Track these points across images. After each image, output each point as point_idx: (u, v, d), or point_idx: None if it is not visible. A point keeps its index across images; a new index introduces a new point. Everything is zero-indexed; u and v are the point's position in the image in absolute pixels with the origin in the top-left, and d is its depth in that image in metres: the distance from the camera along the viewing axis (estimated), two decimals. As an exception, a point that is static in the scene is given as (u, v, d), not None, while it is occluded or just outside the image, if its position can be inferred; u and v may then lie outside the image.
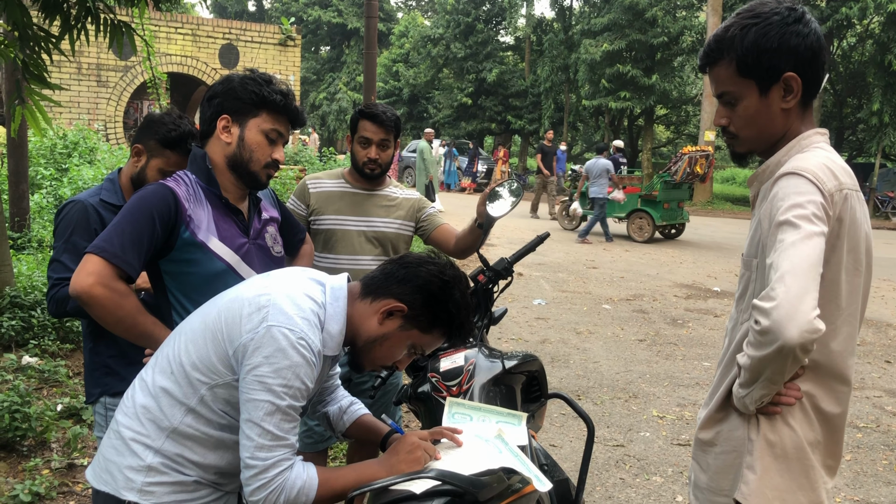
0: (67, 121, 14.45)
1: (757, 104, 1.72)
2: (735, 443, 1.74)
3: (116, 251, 1.88)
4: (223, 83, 2.11)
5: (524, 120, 31.88)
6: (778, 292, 1.47)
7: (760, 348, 1.52)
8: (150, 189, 2.01)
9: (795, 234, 1.52)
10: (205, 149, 2.13)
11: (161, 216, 1.95)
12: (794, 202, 1.56)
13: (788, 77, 1.68)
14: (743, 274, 1.80)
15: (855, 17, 22.19)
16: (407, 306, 1.77)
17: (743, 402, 1.68)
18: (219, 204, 2.09)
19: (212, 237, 2.03)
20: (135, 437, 1.71)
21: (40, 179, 9.27)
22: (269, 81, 2.10)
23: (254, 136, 2.08)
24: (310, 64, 39.86)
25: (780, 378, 1.59)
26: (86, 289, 1.85)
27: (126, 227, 1.92)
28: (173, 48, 16.45)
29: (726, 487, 1.76)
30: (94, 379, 2.53)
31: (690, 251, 13.25)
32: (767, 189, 1.71)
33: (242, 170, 2.10)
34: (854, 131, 29.74)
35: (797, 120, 1.75)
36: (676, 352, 6.69)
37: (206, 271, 2.03)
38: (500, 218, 2.91)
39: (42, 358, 4.91)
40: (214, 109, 2.09)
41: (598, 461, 4.30)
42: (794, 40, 1.66)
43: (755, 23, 1.68)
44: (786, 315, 1.45)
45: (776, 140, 1.77)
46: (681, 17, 26.72)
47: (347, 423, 2.05)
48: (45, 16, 4.15)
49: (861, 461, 4.45)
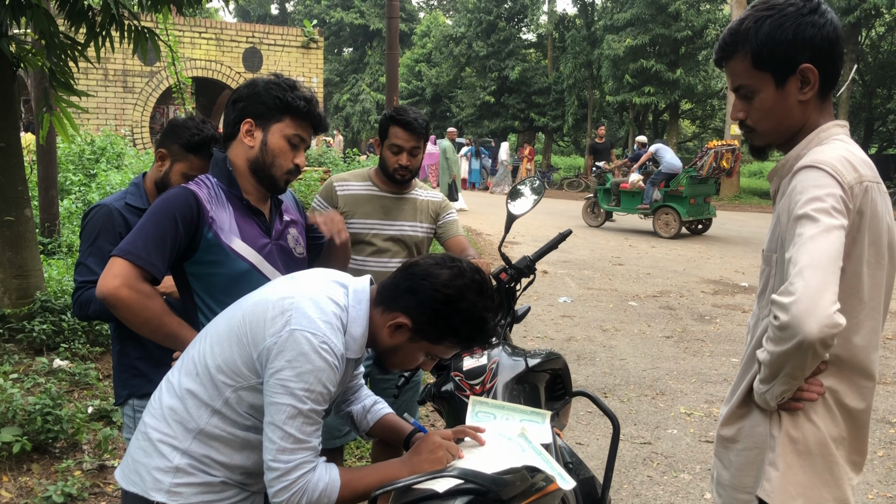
0: (95, 127, 14.66)
1: (774, 97, 1.70)
2: (757, 439, 1.72)
3: (141, 253, 1.91)
4: (248, 87, 2.12)
5: (547, 117, 31.75)
6: (797, 287, 1.45)
7: (780, 343, 1.50)
8: (172, 192, 2.04)
9: (814, 227, 1.50)
10: (227, 151, 2.15)
11: (184, 218, 1.98)
12: (812, 195, 1.54)
13: (805, 69, 1.66)
14: (763, 269, 1.78)
15: (883, 5, 21.78)
16: (412, 321, 1.73)
17: (764, 398, 1.65)
18: (240, 206, 2.11)
19: (234, 238, 2.06)
20: (162, 438, 1.73)
21: (69, 185, 9.41)
22: (293, 87, 2.12)
23: (277, 140, 2.09)
24: (333, 66, 40.03)
25: (801, 374, 1.57)
26: (112, 291, 1.87)
27: (150, 230, 1.95)
28: (197, 53, 16.61)
29: (749, 484, 1.74)
30: (122, 381, 2.56)
31: (717, 246, 13.11)
32: (787, 183, 1.68)
33: (263, 174, 2.11)
34: (884, 122, 29.24)
35: (815, 112, 1.72)
36: (704, 348, 6.63)
37: (229, 272, 2.05)
38: (521, 216, 2.91)
39: (72, 361, 4.98)
40: (238, 113, 2.11)
41: (626, 459, 4.28)
42: (809, 31, 1.63)
43: (770, 14, 1.66)
44: (805, 310, 1.43)
45: (794, 133, 1.74)
46: (705, 11, 26.41)
47: (371, 422, 2.05)
48: (71, 24, 4.22)
49: (894, 457, 4.38)
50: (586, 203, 16.01)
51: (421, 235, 3.16)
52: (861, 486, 3.99)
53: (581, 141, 30.62)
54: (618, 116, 32.49)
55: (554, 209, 18.20)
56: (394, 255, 3.08)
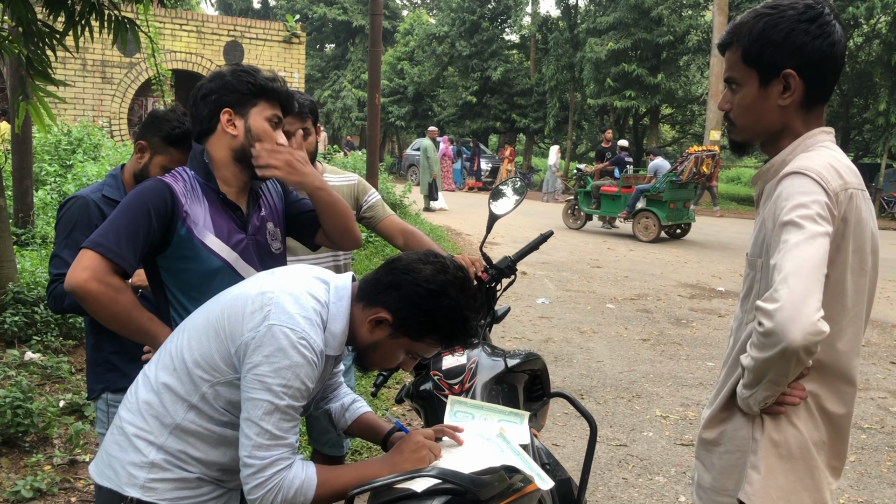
0: (72, 117, 14.47)
1: (755, 94, 1.71)
2: (739, 442, 1.73)
3: (112, 246, 1.87)
4: (214, 80, 2.08)
5: (529, 118, 31.81)
6: (781, 294, 1.46)
7: (764, 350, 1.51)
8: (146, 185, 2.00)
9: (799, 234, 1.51)
10: (205, 145, 2.11)
11: (157, 211, 1.94)
12: (798, 202, 1.55)
13: (787, 74, 1.66)
14: (748, 273, 1.78)
15: (862, 16, 22.06)
16: (393, 316, 1.72)
17: (747, 402, 1.66)
18: (216, 200, 2.07)
19: (208, 234, 2.02)
20: (137, 433, 1.71)
21: (44, 176, 9.28)
22: (256, 71, 2.10)
23: (259, 123, 2.06)
24: (314, 61, 39.83)
25: (784, 380, 1.58)
26: (81, 283, 1.83)
27: (122, 222, 1.91)
28: (178, 45, 16.45)
29: (730, 487, 1.75)
30: (96, 375, 2.53)
31: (695, 251, 13.21)
32: (772, 188, 1.69)
33: (250, 161, 2.07)
34: (860, 131, 29.62)
35: (797, 119, 1.72)
36: (680, 352, 6.68)
37: (202, 268, 2.01)
38: (503, 216, 2.90)
39: (45, 354, 4.92)
40: (212, 106, 2.06)
41: (601, 461, 4.29)
42: (801, 38, 1.63)
43: (769, 14, 1.67)
44: (789, 317, 1.44)
45: (771, 134, 1.76)
46: (687, 16, 26.61)
47: (349, 420, 2.04)
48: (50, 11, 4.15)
49: (865, 462, 4.43)
50: (566, 205, 16.07)
51: None
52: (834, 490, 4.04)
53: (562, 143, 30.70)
54: (598, 119, 32.63)
55: (534, 210, 18.26)
56: (322, 251, 2.91)
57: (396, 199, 13.05)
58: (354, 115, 35.58)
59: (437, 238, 11.64)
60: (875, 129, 23.90)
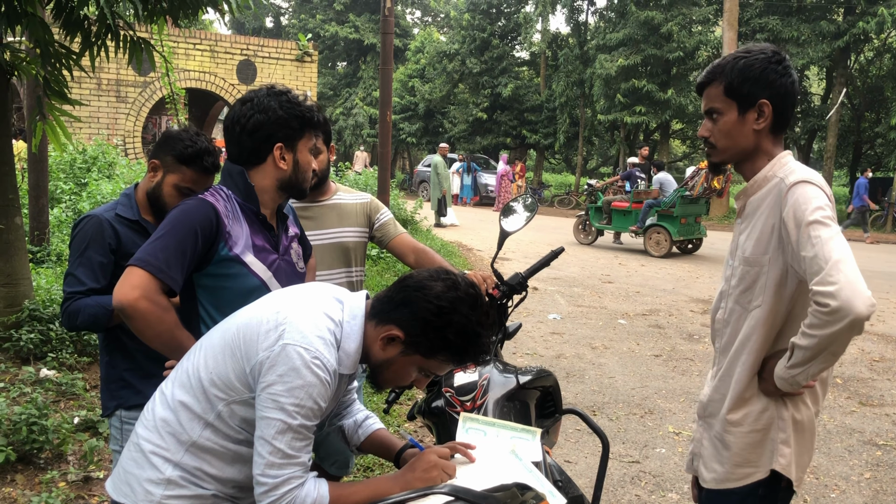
0: (87, 136, 14.62)
1: (734, 121, 2.04)
2: (765, 422, 2.01)
3: (161, 265, 1.89)
4: (264, 113, 2.07)
5: (539, 134, 31.88)
6: (838, 278, 1.71)
7: (829, 326, 1.72)
8: (191, 204, 2.02)
9: (828, 230, 1.79)
10: (251, 173, 2.11)
11: (203, 231, 1.97)
12: (816, 205, 1.83)
13: (762, 103, 2.01)
14: (747, 271, 2.02)
15: (872, 31, 22.08)
16: (405, 333, 1.73)
17: (795, 379, 1.87)
18: (255, 220, 2.11)
19: (248, 253, 2.06)
20: (154, 449, 1.72)
21: (60, 194, 9.37)
22: (300, 102, 2.15)
23: (305, 157, 2.15)
24: (326, 79, 40.08)
25: (842, 351, 1.81)
26: (131, 302, 1.85)
27: (170, 242, 1.93)
28: (191, 64, 16.62)
29: (754, 460, 2.03)
30: (110, 392, 2.55)
31: (706, 266, 13.17)
32: (766, 199, 1.98)
33: (294, 189, 2.17)
34: (872, 145, 29.51)
35: (767, 142, 2.05)
36: (692, 367, 6.64)
37: (241, 286, 2.05)
38: (514, 233, 2.92)
39: (59, 371, 4.95)
40: (264, 140, 2.08)
41: (614, 477, 4.27)
42: (772, 76, 2.00)
43: (745, 56, 2.02)
44: (851, 294, 1.69)
45: (746, 154, 2.07)
46: (696, 32, 26.64)
47: (362, 437, 2.05)
48: (67, 33, 4.22)
49: (881, 479, 4.39)
50: (577, 220, 16.07)
51: (354, 240, 3.03)
52: None
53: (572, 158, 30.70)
54: (609, 135, 32.65)
55: (545, 226, 18.25)
56: (330, 266, 2.98)
57: (408, 216, 13.09)
58: (366, 133, 35.74)
59: (447, 254, 11.65)
60: (887, 143, 23.82)
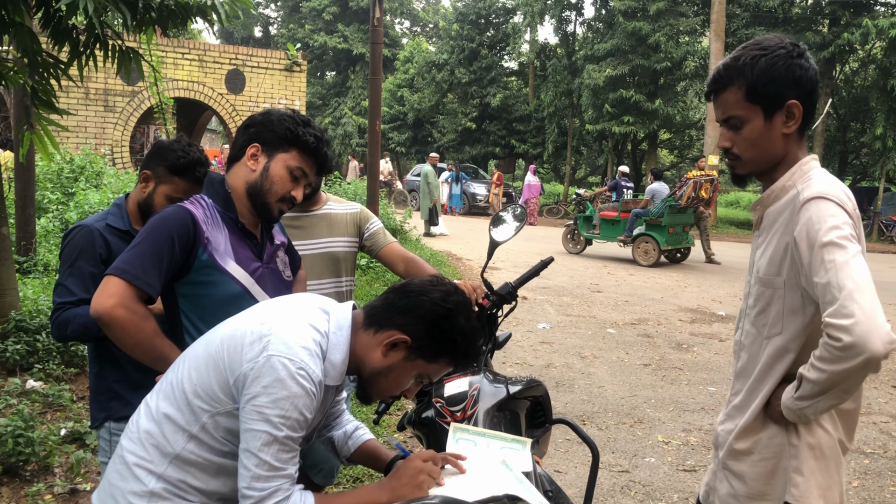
0: (74, 145, 14.55)
1: (762, 128, 1.84)
2: (775, 449, 1.86)
3: (138, 273, 1.89)
4: (263, 115, 2.15)
5: (528, 144, 32.00)
6: (853, 310, 1.57)
7: (841, 362, 1.59)
8: (168, 211, 2.03)
9: (844, 254, 1.63)
10: (228, 173, 2.16)
11: (180, 238, 1.97)
12: (832, 224, 1.67)
13: (791, 104, 1.82)
14: (762, 292, 1.88)
15: (857, 42, 22.32)
16: (411, 338, 1.74)
17: (803, 412, 1.75)
18: (235, 228, 2.12)
19: (229, 260, 2.05)
20: (138, 462, 1.71)
21: (47, 203, 9.32)
22: (307, 123, 2.15)
23: (278, 169, 2.11)
24: (315, 89, 40.11)
25: (855, 388, 1.69)
26: (107, 310, 1.85)
27: (146, 249, 1.93)
28: (180, 73, 16.59)
29: (766, 492, 1.88)
30: (100, 403, 2.53)
31: (695, 275, 13.22)
32: (783, 213, 1.82)
33: (258, 199, 2.12)
34: (857, 155, 29.77)
35: (795, 146, 1.87)
36: (681, 376, 6.66)
37: (222, 293, 2.04)
38: (504, 242, 2.92)
39: (46, 382, 4.90)
40: (248, 137, 2.13)
41: (603, 487, 4.27)
42: (798, 72, 1.81)
43: (764, 54, 1.82)
44: (868, 330, 1.55)
45: (775, 163, 1.89)
46: (684, 43, 26.86)
47: (352, 448, 2.04)
48: (55, 42, 4.20)
49: (869, 487, 4.41)
50: (566, 230, 16.12)
51: (343, 250, 3.05)
52: None
53: (561, 168, 30.81)
54: (597, 145, 32.81)
55: (534, 235, 18.28)
56: (320, 276, 2.99)
57: (397, 225, 13.09)
58: (355, 142, 35.78)
59: (437, 263, 11.65)
60: (872, 153, 24.04)
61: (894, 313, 10.10)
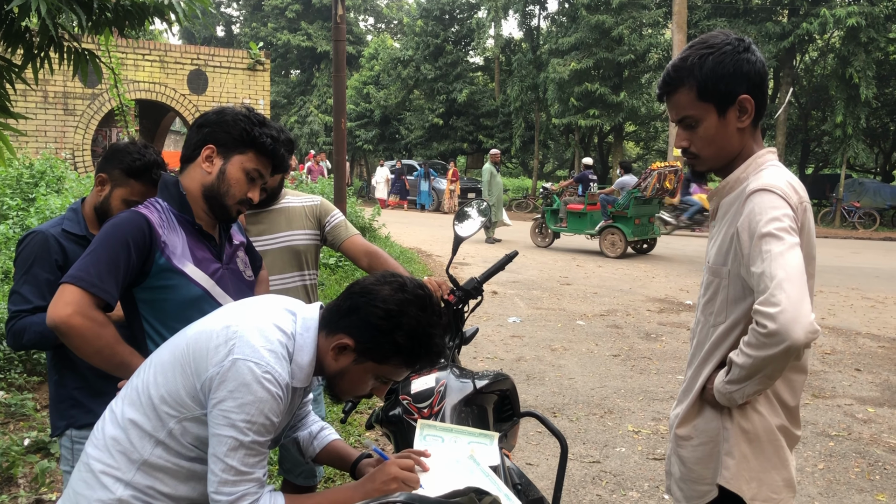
0: (34, 150, 14.28)
1: (716, 125, 1.88)
2: (711, 434, 1.92)
3: (94, 280, 1.86)
4: (217, 114, 2.10)
5: (495, 139, 32.07)
6: (780, 298, 1.62)
7: (765, 349, 1.65)
8: (123, 216, 2.00)
9: (780, 245, 1.68)
10: (181, 174, 2.12)
11: (136, 243, 1.94)
12: (772, 216, 1.72)
13: (743, 99, 1.86)
14: (711, 281, 1.93)
15: (816, 32, 22.70)
16: (354, 340, 1.71)
17: (731, 396, 1.80)
18: (192, 230, 2.09)
19: (187, 262, 2.03)
20: (105, 469, 1.68)
21: (6, 210, 9.12)
22: (262, 123, 2.11)
23: (235, 171, 2.08)
24: (280, 88, 39.79)
25: (778, 375, 1.74)
26: (64, 319, 1.82)
27: (102, 256, 1.90)
28: (141, 75, 16.35)
29: (707, 476, 1.94)
30: (60, 412, 2.49)
31: (662, 266, 13.36)
32: (734, 204, 1.87)
33: (215, 202, 2.09)
34: (819, 143, 30.27)
35: (750, 139, 1.92)
36: (650, 366, 6.73)
37: (182, 297, 2.02)
38: (468, 237, 2.92)
39: (8, 391, 4.81)
40: (202, 137, 2.08)
41: (575, 478, 4.30)
42: (746, 67, 1.84)
43: (711, 52, 1.85)
44: (791, 319, 1.60)
45: (733, 157, 1.92)
46: (647, 35, 27.09)
47: (318, 448, 2.03)
48: (7, 45, 4.12)
49: (834, 469, 4.49)
50: (534, 223, 16.19)
51: (301, 243, 2.99)
52: (803, 498, 4.09)
53: (528, 162, 30.94)
54: (564, 138, 33.00)
55: (502, 230, 18.33)
56: (283, 270, 2.94)
57: (366, 223, 13.05)
58: (322, 140, 35.56)
59: (406, 260, 11.64)
60: (833, 141, 24.46)
61: (857, 298, 10.30)
